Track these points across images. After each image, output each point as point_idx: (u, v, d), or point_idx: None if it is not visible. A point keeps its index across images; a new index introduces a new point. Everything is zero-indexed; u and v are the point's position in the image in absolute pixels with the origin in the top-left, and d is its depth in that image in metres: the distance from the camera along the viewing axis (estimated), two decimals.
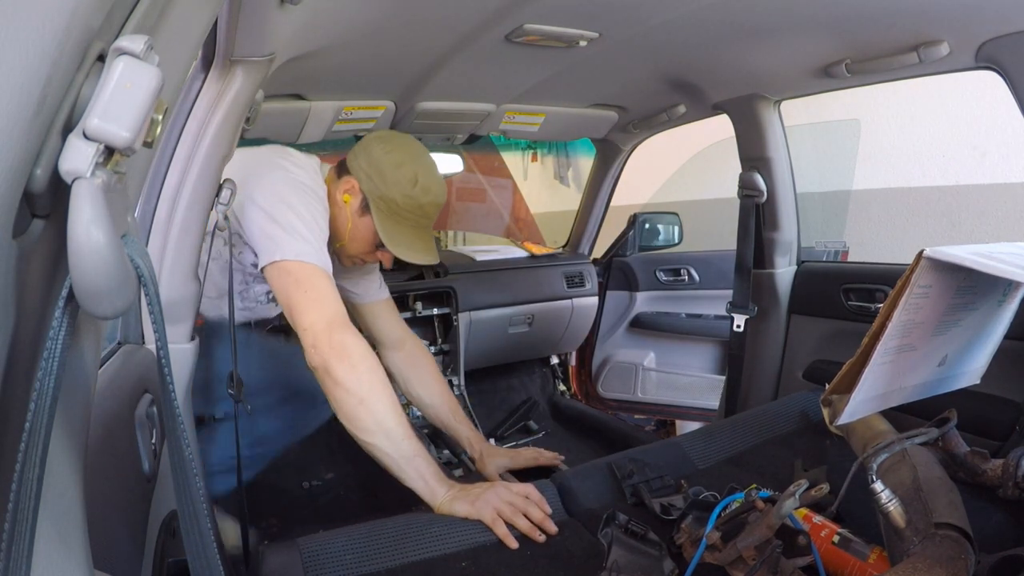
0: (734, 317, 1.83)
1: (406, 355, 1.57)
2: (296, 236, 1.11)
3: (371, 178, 1.23)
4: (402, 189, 1.21)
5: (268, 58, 1.04)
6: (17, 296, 0.36)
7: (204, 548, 0.49)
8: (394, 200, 1.22)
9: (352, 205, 1.25)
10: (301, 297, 1.09)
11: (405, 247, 1.24)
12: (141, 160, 0.54)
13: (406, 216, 1.23)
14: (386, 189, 1.22)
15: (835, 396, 0.92)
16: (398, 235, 1.23)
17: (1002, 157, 2.61)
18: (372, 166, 1.23)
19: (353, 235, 1.27)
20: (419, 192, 1.22)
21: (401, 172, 1.21)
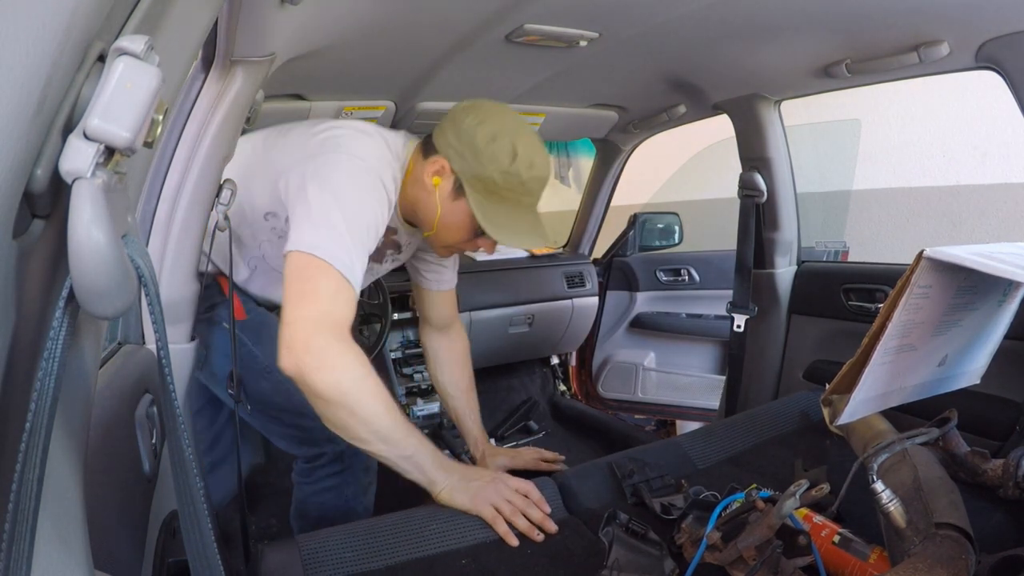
0: (734, 317, 1.83)
1: (445, 339, 1.50)
2: (324, 229, 0.99)
3: (463, 156, 1.06)
4: (500, 165, 1.05)
5: (268, 58, 1.04)
6: (17, 296, 0.36)
7: (204, 548, 0.49)
8: (491, 179, 1.05)
9: (443, 189, 1.09)
10: (297, 288, 0.97)
11: (509, 231, 1.08)
12: (141, 160, 0.55)
13: (506, 196, 1.07)
14: (481, 167, 1.05)
15: (835, 396, 0.92)
16: (499, 217, 1.08)
17: (1003, 157, 2.61)
18: (463, 142, 1.06)
19: (446, 222, 1.12)
20: (521, 167, 1.05)
21: (497, 146, 1.05)
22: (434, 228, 1.13)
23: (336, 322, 0.97)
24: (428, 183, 1.09)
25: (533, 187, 1.09)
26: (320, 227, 0.99)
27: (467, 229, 1.12)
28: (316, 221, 0.99)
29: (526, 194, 1.09)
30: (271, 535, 1.85)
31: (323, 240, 0.98)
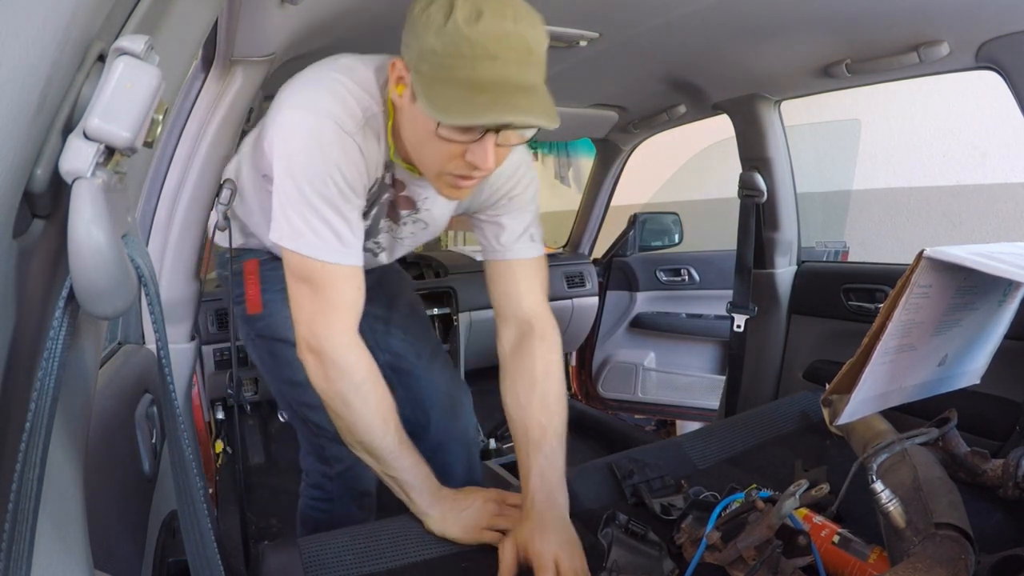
0: (734, 317, 1.83)
1: (517, 335, 1.07)
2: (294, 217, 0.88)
3: (407, 41, 0.81)
4: (435, 27, 0.76)
5: (268, 58, 1.04)
6: (17, 296, 0.36)
7: (204, 548, 0.49)
8: (430, 48, 0.77)
9: (407, 97, 0.84)
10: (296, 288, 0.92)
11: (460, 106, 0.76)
12: (141, 160, 0.55)
13: (453, 65, 0.76)
14: (418, 40, 0.78)
15: (835, 396, 0.92)
16: (445, 95, 0.77)
17: (1002, 157, 2.61)
18: (406, 24, 0.82)
19: (414, 136, 0.88)
20: (459, 21, 0.74)
21: (433, 7, 0.77)
22: (412, 151, 0.90)
23: (335, 317, 0.91)
24: (395, 97, 0.87)
25: (490, 46, 0.75)
26: (289, 216, 0.89)
27: (431, 133, 0.83)
28: (285, 209, 0.89)
29: (482, 57, 0.76)
30: (271, 535, 1.86)
31: (300, 232, 0.89)
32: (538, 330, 1.06)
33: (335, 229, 0.90)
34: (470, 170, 0.86)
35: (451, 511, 0.95)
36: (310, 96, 0.89)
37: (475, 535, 0.93)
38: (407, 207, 1.07)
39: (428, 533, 0.94)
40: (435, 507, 0.94)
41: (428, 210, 1.09)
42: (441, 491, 0.96)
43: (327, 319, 0.92)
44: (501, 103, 0.77)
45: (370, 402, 0.92)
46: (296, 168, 0.88)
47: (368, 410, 0.92)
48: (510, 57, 0.77)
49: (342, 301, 0.93)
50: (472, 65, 0.76)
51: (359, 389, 0.92)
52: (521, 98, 0.78)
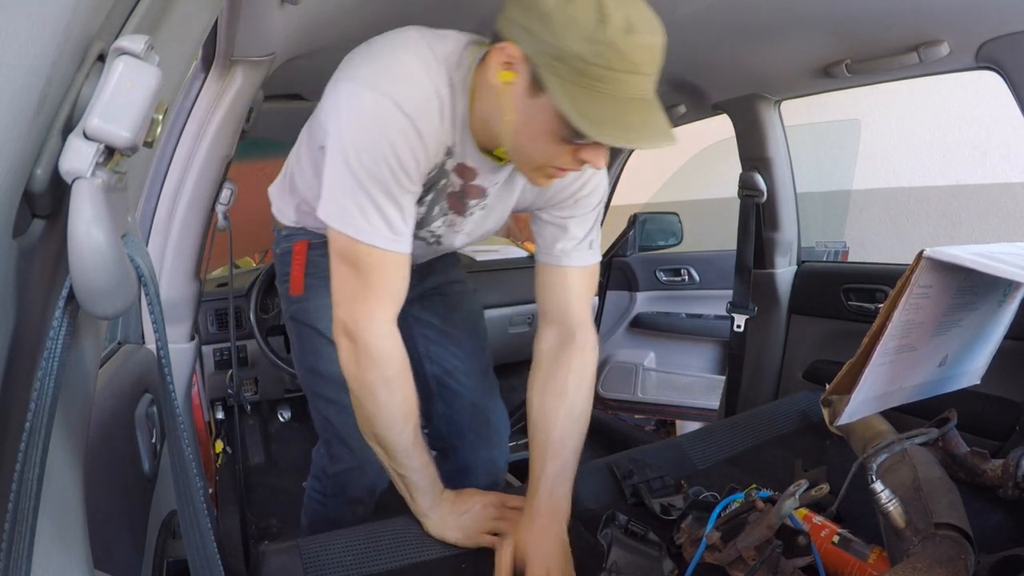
0: (734, 317, 1.83)
1: (558, 341, 1.05)
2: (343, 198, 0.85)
3: (531, 31, 0.75)
4: (582, 31, 0.71)
5: (268, 58, 1.04)
6: (17, 296, 0.36)
7: (204, 548, 0.49)
8: (575, 53, 0.72)
9: (517, 86, 0.79)
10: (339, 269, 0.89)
11: (616, 127, 0.74)
12: (141, 160, 0.54)
13: (599, 75, 0.72)
14: (557, 39, 0.72)
15: (835, 396, 0.92)
16: (596, 110, 0.73)
17: (1002, 157, 2.61)
18: (529, 13, 0.75)
19: (526, 129, 0.81)
20: (612, 29, 0.71)
21: (572, 10, 0.72)
22: (510, 141, 0.84)
23: (375, 304, 0.89)
24: (496, 82, 0.80)
25: (637, 60, 0.73)
26: (345, 197, 0.85)
27: (555, 134, 0.79)
28: (334, 187, 0.86)
29: (629, 71, 0.73)
30: (271, 535, 1.86)
31: (348, 213, 0.85)
32: (579, 341, 1.04)
33: (385, 214, 0.86)
34: (579, 166, 0.85)
35: (450, 514, 0.95)
36: (373, 72, 0.84)
37: (474, 538, 0.93)
38: (476, 196, 0.99)
39: (427, 535, 0.94)
40: (436, 509, 0.94)
41: (497, 198, 1.02)
42: (443, 494, 0.96)
43: (367, 305, 0.89)
44: (648, 126, 0.76)
45: (396, 398, 0.90)
46: (349, 146, 0.83)
47: (393, 405, 0.90)
48: (651, 72, 0.76)
49: (386, 289, 0.90)
50: (620, 79, 0.73)
51: (389, 383, 0.90)
52: (658, 118, 0.77)
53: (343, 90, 0.85)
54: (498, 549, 0.89)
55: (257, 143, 1.73)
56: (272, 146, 1.81)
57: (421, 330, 1.28)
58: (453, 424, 1.30)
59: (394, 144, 0.82)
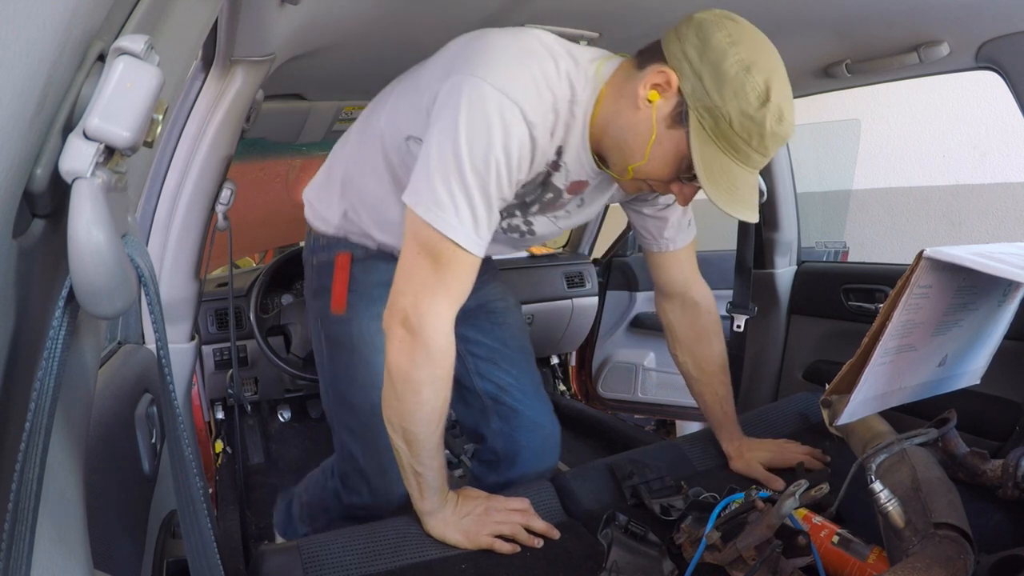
0: (734, 317, 1.83)
1: (680, 309, 1.23)
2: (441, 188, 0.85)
3: (700, 77, 0.82)
4: (744, 105, 0.80)
5: (268, 58, 1.04)
6: (17, 296, 0.36)
7: (204, 548, 0.49)
8: (727, 117, 0.81)
9: (661, 109, 0.85)
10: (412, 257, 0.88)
11: (725, 188, 0.84)
12: (141, 160, 0.54)
13: (735, 144, 0.83)
14: (720, 99, 0.81)
15: (835, 396, 0.92)
16: (719, 168, 0.84)
17: (1002, 157, 2.61)
18: (705, 60, 0.81)
19: (656, 151, 0.87)
20: (769, 115, 0.80)
21: (749, 79, 0.80)
22: (645, 157, 0.88)
23: (441, 301, 0.88)
24: (642, 96, 0.85)
25: (770, 146, 0.84)
26: (440, 186, 0.84)
27: (673, 167, 0.88)
28: (432, 175, 0.85)
29: (759, 151, 0.84)
30: (271, 535, 1.86)
31: (440, 205, 0.84)
32: (703, 304, 1.23)
33: (476, 214, 0.86)
34: (664, 193, 0.96)
35: (453, 516, 0.95)
36: (506, 74, 0.85)
37: (474, 540, 0.93)
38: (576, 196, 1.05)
39: (427, 535, 0.94)
40: (440, 510, 0.95)
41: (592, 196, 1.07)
42: (448, 495, 0.96)
43: (436, 299, 0.87)
44: (746, 201, 0.87)
45: (440, 397, 0.90)
46: (463, 137, 0.83)
47: (435, 404, 0.89)
48: (772, 155, 0.87)
49: (458, 287, 0.89)
50: (750, 155, 0.84)
51: (436, 383, 0.89)
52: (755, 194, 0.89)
53: (472, 86, 0.84)
54: (496, 548, 0.91)
55: (257, 143, 1.73)
56: (272, 146, 1.80)
57: (467, 347, 1.26)
58: (512, 441, 1.27)
59: (509, 148, 0.84)
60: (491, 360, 1.28)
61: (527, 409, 1.28)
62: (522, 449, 1.27)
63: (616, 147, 0.90)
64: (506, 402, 1.28)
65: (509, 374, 1.29)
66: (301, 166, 2.62)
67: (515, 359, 1.31)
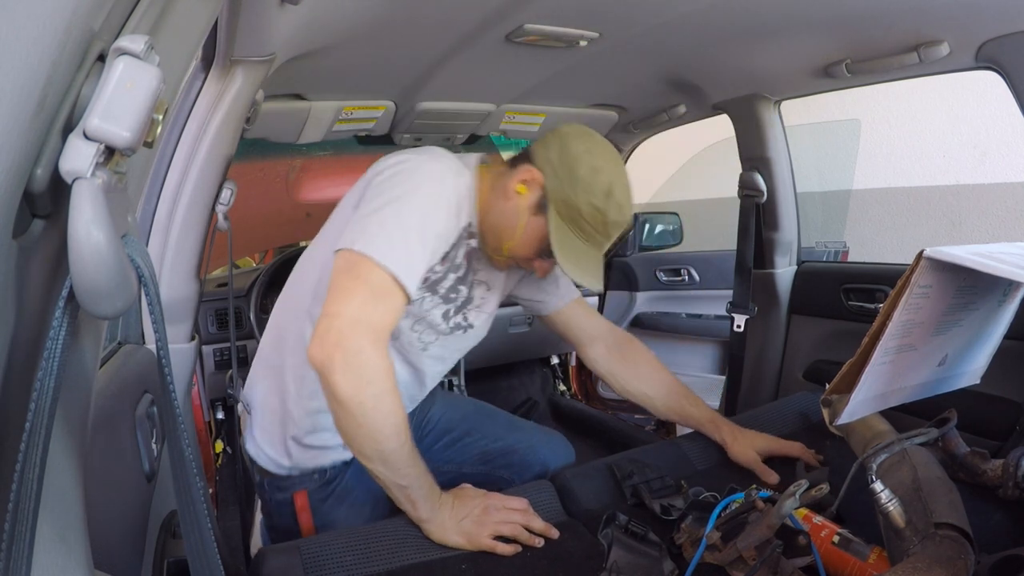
0: (734, 317, 1.83)
1: (609, 350, 1.34)
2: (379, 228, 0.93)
3: (558, 175, 1.02)
4: (592, 198, 1.01)
5: (268, 58, 1.04)
6: (17, 296, 0.36)
7: (204, 548, 0.49)
8: (578, 208, 1.02)
9: (526, 200, 1.04)
10: (343, 282, 0.91)
11: (576, 264, 1.03)
12: (141, 160, 0.55)
13: (584, 229, 1.04)
14: (573, 193, 1.01)
15: (835, 396, 0.92)
16: (571, 248, 1.04)
17: (1002, 157, 2.61)
18: (564, 163, 1.03)
19: (524, 233, 1.06)
20: (611, 207, 1.02)
21: (597, 179, 1.01)
22: (513, 238, 1.06)
23: (377, 326, 0.90)
24: (511, 190, 1.05)
25: (612, 232, 1.05)
26: (376, 226, 0.93)
27: (534, 248, 1.06)
28: (371, 221, 0.94)
29: (603, 235, 1.05)
30: None
31: (377, 239, 0.91)
32: (623, 336, 1.36)
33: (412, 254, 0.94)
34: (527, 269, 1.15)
35: (451, 519, 0.94)
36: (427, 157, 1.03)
37: (475, 542, 0.93)
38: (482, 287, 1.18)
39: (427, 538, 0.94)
40: (436, 514, 0.94)
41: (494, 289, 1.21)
42: (441, 497, 0.96)
43: (371, 321, 0.89)
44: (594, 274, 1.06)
45: (397, 405, 0.90)
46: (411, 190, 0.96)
47: (396, 415, 0.90)
48: (614, 238, 1.07)
49: (391, 319, 0.93)
50: (596, 239, 1.05)
51: (389, 393, 0.89)
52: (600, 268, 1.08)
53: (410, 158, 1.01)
54: (496, 550, 0.92)
55: (257, 143, 1.73)
56: (272, 146, 1.80)
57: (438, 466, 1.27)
58: (522, 471, 1.30)
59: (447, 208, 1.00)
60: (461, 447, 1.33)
61: (517, 443, 1.33)
62: (528, 472, 1.30)
63: (492, 230, 1.07)
64: (498, 460, 1.31)
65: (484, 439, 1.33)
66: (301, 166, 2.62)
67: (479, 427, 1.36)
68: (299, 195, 2.74)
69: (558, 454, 1.34)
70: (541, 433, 1.38)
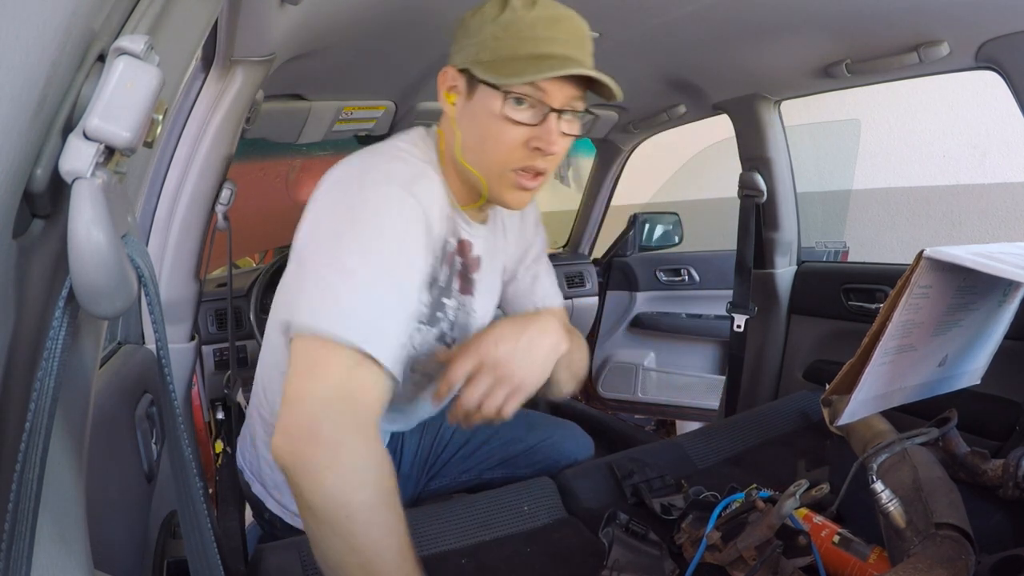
0: (734, 317, 1.83)
1: None
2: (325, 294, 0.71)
3: (460, 45, 0.83)
4: (489, 19, 0.79)
5: (268, 58, 1.04)
6: (17, 296, 0.36)
7: (204, 548, 0.49)
8: (491, 36, 0.78)
9: (458, 104, 0.84)
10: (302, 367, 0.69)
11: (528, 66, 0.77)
12: (141, 160, 0.54)
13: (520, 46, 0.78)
14: (473, 36, 0.80)
15: (835, 396, 0.92)
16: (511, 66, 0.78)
17: (1002, 157, 2.61)
18: (456, 33, 0.84)
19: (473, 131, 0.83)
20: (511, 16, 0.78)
21: (483, 9, 0.80)
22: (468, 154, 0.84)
23: (357, 405, 0.68)
24: (447, 109, 0.85)
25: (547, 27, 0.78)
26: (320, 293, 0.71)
27: (495, 116, 0.80)
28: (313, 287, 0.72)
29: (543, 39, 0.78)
30: None
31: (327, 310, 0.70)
32: None
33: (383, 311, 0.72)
34: (534, 159, 0.83)
35: None
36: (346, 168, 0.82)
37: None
38: (475, 268, 0.98)
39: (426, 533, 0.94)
40: None
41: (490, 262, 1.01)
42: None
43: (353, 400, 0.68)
44: (567, 63, 0.78)
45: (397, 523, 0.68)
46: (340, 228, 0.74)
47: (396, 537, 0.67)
48: (569, 40, 0.80)
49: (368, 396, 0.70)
50: (534, 44, 0.78)
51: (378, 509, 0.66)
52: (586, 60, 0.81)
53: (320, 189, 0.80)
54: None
55: (257, 143, 1.73)
56: (272, 146, 1.81)
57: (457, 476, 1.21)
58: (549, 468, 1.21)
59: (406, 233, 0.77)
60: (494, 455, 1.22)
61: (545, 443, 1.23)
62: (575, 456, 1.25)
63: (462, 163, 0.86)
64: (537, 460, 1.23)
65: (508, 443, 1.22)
66: (301, 166, 2.62)
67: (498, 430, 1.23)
68: (299, 195, 2.75)
69: (581, 445, 1.28)
70: (559, 427, 1.30)
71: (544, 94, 0.80)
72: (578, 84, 0.82)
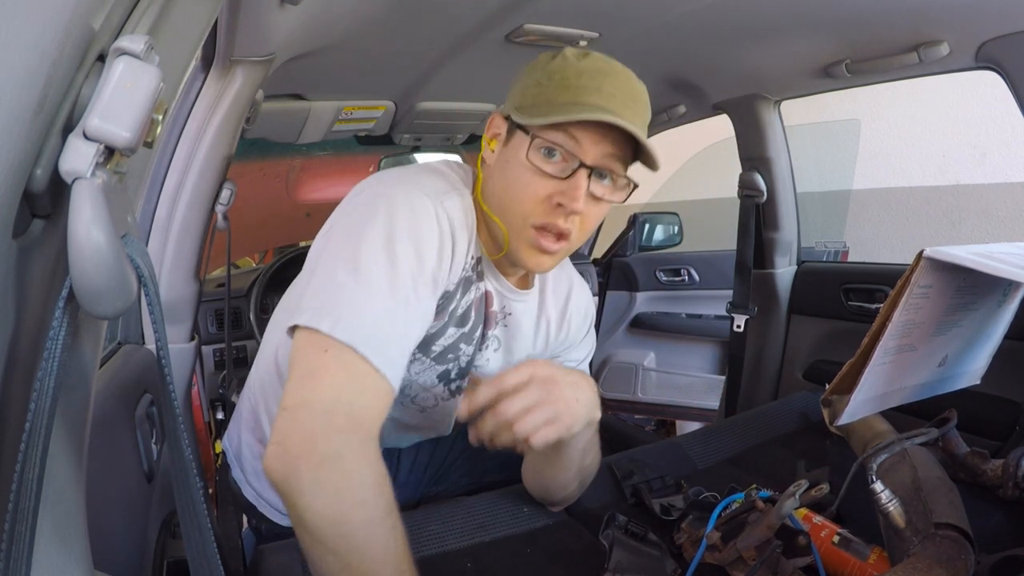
0: (734, 317, 1.83)
1: None
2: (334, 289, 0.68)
3: (510, 95, 0.83)
4: (535, 75, 0.78)
5: (268, 58, 1.04)
6: (17, 296, 0.36)
7: (204, 548, 0.49)
8: (535, 82, 0.77)
9: (496, 150, 0.82)
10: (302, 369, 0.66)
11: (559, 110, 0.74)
12: (141, 160, 0.55)
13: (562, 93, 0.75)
14: (521, 84, 0.80)
15: (835, 396, 0.92)
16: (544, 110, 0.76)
17: (1002, 157, 2.61)
18: (511, 84, 0.84)
19: (502, 178, 0.80)
20: (561, 63, 0.76)
21: (535, 64, 0.80)
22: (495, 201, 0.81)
23: (357, 419, 0.65)
24: (487, 156, 0.83)
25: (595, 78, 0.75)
26: (330, 290, 0.68)
27: (521, 169, 0.77)
28: (324, 282, 0.69)
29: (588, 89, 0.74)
30: None
31: (333, 308, 0.66)
32: None
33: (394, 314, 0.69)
34: (556, 216, 0.77)
35: None
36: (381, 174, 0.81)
37: None
38: (492, 325, 0.94)
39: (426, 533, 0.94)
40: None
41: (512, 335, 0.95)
42: None
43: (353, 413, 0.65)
44: (603, 112, 0.73)
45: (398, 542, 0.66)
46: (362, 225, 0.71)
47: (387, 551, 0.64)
48: (615, 94, 0.76)
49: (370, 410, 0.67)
50: (576, 92, 0.74)
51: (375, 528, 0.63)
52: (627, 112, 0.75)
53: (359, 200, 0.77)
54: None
55: (257, 143, 1.73)
56: (272, 146, 1.81)
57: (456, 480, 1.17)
58: None
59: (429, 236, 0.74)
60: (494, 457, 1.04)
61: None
62: None
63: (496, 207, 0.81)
64: None
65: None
66: (301, 166, 2.62)
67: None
68: (299, 195, 2.75)
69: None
70: None
71: (577, 146, 0.75)
72: (619, 144, 0.77)
